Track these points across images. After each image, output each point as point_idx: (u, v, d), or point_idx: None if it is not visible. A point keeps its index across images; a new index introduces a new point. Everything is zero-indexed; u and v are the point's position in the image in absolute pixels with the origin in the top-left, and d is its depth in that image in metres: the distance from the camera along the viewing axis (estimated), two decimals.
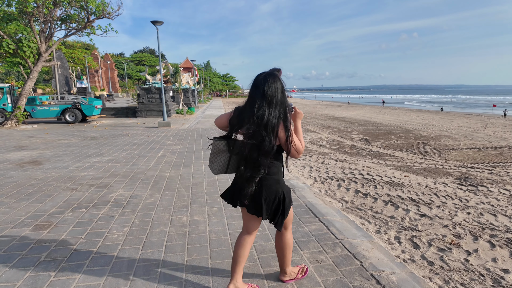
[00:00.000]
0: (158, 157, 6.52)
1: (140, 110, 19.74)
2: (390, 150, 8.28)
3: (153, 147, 7.80)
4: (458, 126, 14.91)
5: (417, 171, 5.85)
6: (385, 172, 5.69)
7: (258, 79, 1.71)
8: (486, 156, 7.53)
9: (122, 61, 73.01)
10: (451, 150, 8.25)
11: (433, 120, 18.11)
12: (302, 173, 5.63)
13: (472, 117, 21.41)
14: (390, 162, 6.64)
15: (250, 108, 1.69)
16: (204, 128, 12.89)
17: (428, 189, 4.62)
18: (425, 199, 4.14)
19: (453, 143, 9.45)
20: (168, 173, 5.06)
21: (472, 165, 6.45)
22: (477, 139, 10.34)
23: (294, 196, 3.78)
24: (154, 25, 13.93)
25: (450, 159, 7.12)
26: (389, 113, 25.07)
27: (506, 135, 11.67)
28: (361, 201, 4.07)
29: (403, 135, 11.29)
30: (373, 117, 20.24)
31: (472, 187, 4.83)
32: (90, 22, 14.39)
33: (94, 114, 16.13)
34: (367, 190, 4.49)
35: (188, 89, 31.37)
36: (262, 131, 1.63)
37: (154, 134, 10.84)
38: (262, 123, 1.63)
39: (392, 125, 14.67)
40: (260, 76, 1.72)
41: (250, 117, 1.67)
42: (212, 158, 1.87)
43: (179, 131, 11.95)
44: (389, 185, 4.80)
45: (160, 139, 9.37)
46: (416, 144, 9.32)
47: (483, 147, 8.76)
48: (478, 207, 3.91)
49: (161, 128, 13.51)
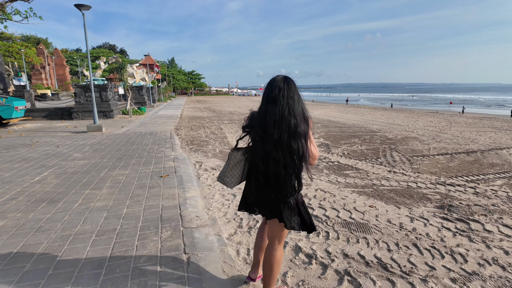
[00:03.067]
0: (31, 182, 4.51)
1: (76, 111, 17.09)
2: (352, 159, 6.85)
3: (44, 165, 5.73)
4: (424, 125, 14.10)
5: (386, 195, 4.38)
6: (344, 199, 4.14)
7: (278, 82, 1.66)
8: (461, 165, 6.32)
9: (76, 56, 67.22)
10: (421, 158, 6.99)
11: (397, 119, 17.34)
12: (221, 207, 3.91)
13: (435, 115, 21.11)
14: (351, 180, 5.14)
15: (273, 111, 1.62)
16: (143, 132, 10.85)
17: (404, 234, 3.10)
18: (401, 262, 2.58)
19: (422, 148, 8.27)
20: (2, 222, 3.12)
21: (451, 181, 5.14)
22: (446, 142, 9.30)
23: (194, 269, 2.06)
24: (80, 9, 11.57)
25: (423, 171, 5.80)
26: (353, 111, 24.28)
27: (473, 135, 10.86)
28: (300, 276, 2.42)
29: (368, 137, 10.04)
30: (337, 116, 19.16)
31: (461, 223, 3.40)
32: (1, 5, 11.71)
33: (15, 117, 13.46)
34: (312, 247, 2.84)
35: (143, 87, 28.71)
36: (294, 137, 1.60)
37: (71, 142, 8.67)
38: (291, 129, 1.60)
39: (356, 126, 13.51)
40: (279, 78, 1.67)
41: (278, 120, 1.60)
42: (229, 172, 1.81)
43: (109, 136, 9.84)
44: (348, 228, 3.21)
45: (69, 150, 7.27)
46: (382, 149, 8.02)
47: (455, 152, 7.64)
48: (484, 273, 2.43)
49: (90, 133, 11.32)
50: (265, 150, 1.65)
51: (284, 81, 1.65)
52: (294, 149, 1.60)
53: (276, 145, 1.60)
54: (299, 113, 1.63)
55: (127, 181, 4.64)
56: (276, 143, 1.60)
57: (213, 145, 8.42)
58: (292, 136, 1.60)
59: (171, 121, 15.07)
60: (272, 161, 1.63)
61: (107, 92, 17.42)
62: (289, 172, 1.64)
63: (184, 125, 13.61)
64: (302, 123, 1.62)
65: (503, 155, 7.38)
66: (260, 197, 1.79)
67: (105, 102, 17.52)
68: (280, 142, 1.60)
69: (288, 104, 1.61)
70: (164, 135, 10.28)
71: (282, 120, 1.59)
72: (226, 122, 14.83)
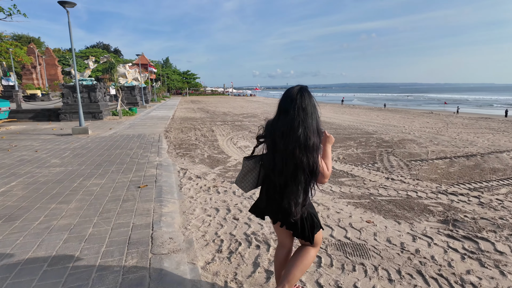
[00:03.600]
0: None
1: (64, 112, 16.57)
2: (348, 164, 6.49)
3: (15, 173, 5.29)
4: (420, 126, 13.80)
5: (385, 207, 4.00)
6: (339, 213, 3.75)
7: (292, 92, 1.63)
8: (462, 170, 5.98)
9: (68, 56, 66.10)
10: (420, 162, 6.65)
11: (393, 120, 17.05)
12: (200, 225, 3.51)
13: (431, 116, 20.87)
14: (347, 189, 4.76)
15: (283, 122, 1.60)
16: (131, 135, 10.42)
17: (406, 257, 2.72)
18: None
19: (419, 151, 7.94)
20: None
21: (453, 189, 4.79)
22: (443, 144, 8.99)
23: None
24: (64, 7, 11.07)
25: (422, 177, 5.44)
26: (349, 112, 23.98)
27: (471, 137, 10.57)
28: None
29: (364, 140, 9.69)
30: (332, 117, 18.82)
31: (469, 242, 3.04)
32: None
33: None
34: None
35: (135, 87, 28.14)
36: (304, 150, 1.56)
37: (52, 146, 8.21)
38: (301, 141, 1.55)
39: (352, 127, 13.17)
40: (294, 89, 1.64)
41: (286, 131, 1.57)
42: (242, 178, 1.82)
43: (94, 140, 9.41)
44: (343, 252, 2.82)
45: (47, 156, 6.81)
46: (379, 153, 7.67)
47: (454, 156, 7.31)
48: None
49: (75, 136, 10.87)
50: (274, 161, 1.64)
51: (298, 92, 1.61)
52: (301, 162, 1.56)
53: (283, 156, 1.59)
54: (311, 125, 1.58)
55: (100, 193, 4.21)
56: (284, 155, 1.58)
57: (202, 149, 8.00)
58: (300, 149, 1.55)
59: (161, 123, 14.61)
60: (278, 172, 1.63)
61: (96, 92, 16.89)
62: (296, 185, 1.62)
63: (175, 126, 13.17)
64: (314, 136, 1.57)
65: (504, 158, 7.07)
66: (270, 205, 1.80)
67: (94, 103, 16.99)
68: (288, 154, 1.57)
69: (299, 116, 1.57)
70: (152, 138, 9.83)
71: (290, 131, 1.56)
72: (219, 124, 14.41)
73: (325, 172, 1.66)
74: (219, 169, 5.93)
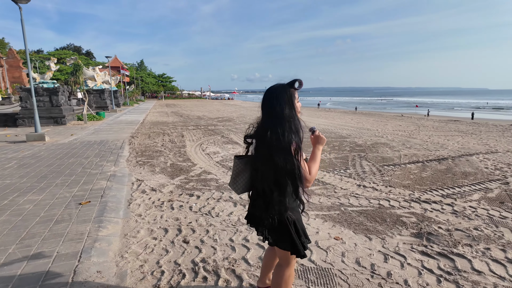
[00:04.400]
0: None
1: (22, 117, 15.36)
2: (320, 170, 6.17)
3: None
4: (393, 130, 13.90)
5: (355, 219, 3.67)
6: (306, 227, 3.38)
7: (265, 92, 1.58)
8: (434, 175, 5.83)
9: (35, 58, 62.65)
10: (392, 167, 6.46)
11: (367, 123, 17.16)
12: (141, 251, 3.01)
13: (403, 119, 21.31)
14: (316, 199, 4.41)
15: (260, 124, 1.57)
16: (92, 141, 9.67)
17: (377, 283, 2.36)
18: None
19: (392, 155, 7.80)
20: None
21: (426, 196, 4.57)
22: (416, 147, 8.95)
23: None
24: (16, 3, 10.16)
25: (394, 184, 5.21)
26: (324, 115, 24.07)
27: (442, 140, 10.68)
28: None
29: (337, 144, 9.49)
30: (307, 121, 18.62)
31: (445, 260, 2.74)
32: None
33: None
34: None
35: (105, 90, 26.87)
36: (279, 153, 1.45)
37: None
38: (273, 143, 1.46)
39: (326, 131, 13.02)
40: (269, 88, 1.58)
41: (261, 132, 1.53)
42: (234, 179, 1.71)
43: (50, 147, 8.62)
44: (305, 280, 2.41)
45: None
46: (351, 158, 7.44)
47: (426, 160, 7.21)
48: None
49: (30, 143, 9.99)
50: (256, 163, 1.57)
51: (276, 89, 1.54)
52: (278, 164, 1.45)
53: (261, 159, 1.52)
54: (288, 124, 1.47)
55: (32, 212, 3.59)
56: (262, 157, 1.52)
57: (166, 157, 7.43)
58: (275, 150, 1.45)
59: (129, 128, 13.81)
60: (260, 176, 1.54)
61: (58, 96, 15.79)
62: (276, 189, 1.51)
63: (143, 131, 12.44)
64: (290, 137, 1.46)
65: (473, 162, 7.04)
66: (253, 211, 1.69)
67: (56, 107, 15.86)
68: (265, 157, 1.49)
69: (274, 114, 1.48)
70: (115, 144, 9.13)
71: (263, 132, 1.50)
72: (191, 128, 13.82)
73: (306, 176, 1.53)
74: (179, 180, 5.41)
